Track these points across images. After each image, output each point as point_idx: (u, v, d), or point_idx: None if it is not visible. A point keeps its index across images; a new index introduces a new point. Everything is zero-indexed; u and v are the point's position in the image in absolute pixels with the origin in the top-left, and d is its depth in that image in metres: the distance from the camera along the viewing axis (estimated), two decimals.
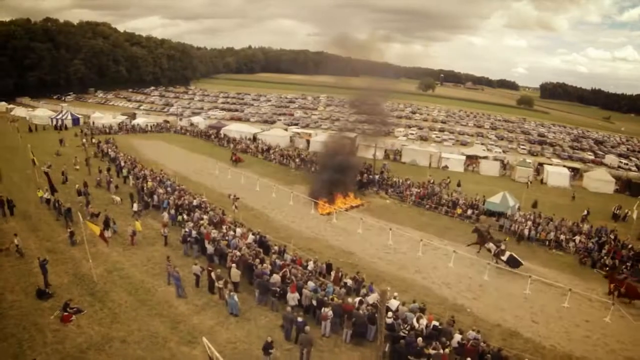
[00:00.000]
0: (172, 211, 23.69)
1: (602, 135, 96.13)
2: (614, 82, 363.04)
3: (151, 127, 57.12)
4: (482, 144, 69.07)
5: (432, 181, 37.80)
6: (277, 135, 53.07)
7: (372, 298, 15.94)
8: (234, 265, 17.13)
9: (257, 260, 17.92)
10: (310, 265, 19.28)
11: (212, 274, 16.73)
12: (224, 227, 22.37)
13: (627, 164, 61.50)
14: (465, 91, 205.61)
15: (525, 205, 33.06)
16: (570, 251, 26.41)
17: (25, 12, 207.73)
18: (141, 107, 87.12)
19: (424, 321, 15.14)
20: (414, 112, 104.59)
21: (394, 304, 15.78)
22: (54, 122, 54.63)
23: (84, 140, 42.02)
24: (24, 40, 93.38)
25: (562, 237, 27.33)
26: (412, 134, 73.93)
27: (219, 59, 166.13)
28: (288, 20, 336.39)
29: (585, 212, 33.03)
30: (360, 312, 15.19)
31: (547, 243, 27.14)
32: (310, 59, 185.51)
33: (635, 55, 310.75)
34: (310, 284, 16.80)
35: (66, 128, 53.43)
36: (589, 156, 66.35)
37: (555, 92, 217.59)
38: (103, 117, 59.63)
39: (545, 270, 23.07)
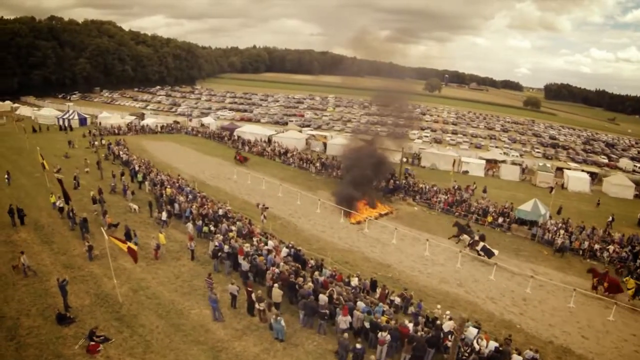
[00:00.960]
0: (198, 222, 21.87)
1: (611, 137, 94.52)
2: (618, 83, 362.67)
3: (161, 127, 55.54)
4: (497, 147, 67.43)
5: (456, 187, 36.20)
6: (292, 138, 51.35)
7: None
8: (276, 285, 15.44)
9: (301, 279, 16.24)
10: (354, 282, 17.79)
11: (253, 295, 15.04)
12: (254, 239, 20.75)
13: None
14: (470, 92, 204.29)
15: (551, 211, 31.64)
16: (604, 261, 25.32)
17: (29, 11, 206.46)
18: (148, 107, 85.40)
19: (483, 342, 14.15)
20: (423, 114, 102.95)
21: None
22: (60, 122, 52.93)
23: (95, 142, 40.39)
24: (29, 39, 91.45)
25: (597, 246, 26.17)
26: (427, 136, 72.30)
27: (223, 59, 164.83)
28: (292, 20, 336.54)
29: (610, 218, 32.22)
30: (419, 334, 14.01)
31: (580, 253, 26.01)
32: (316, 59, 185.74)
33: (638, 55, 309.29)
34: (361, 304, 15.37)
35: (71, 128, 51.67)
36: (603, 160, 64.72)
37: (560, 93, 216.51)
38: (111, 117, 57.82)
39: (582, 280, 22.24)
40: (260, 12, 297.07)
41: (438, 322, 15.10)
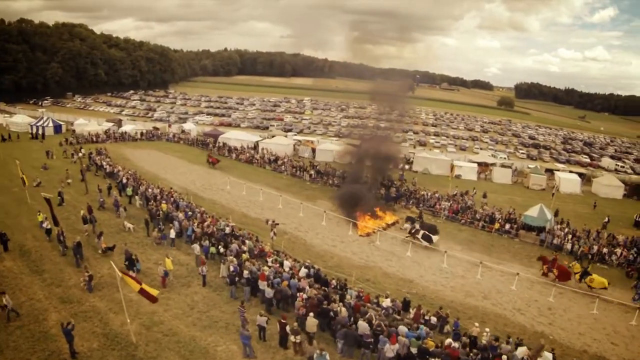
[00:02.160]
0: (204, 242, 20.46)
1: (587, 136, 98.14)
2: (585, 82, 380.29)
3: (141, 134, 53.39)
4: (482, 148, 68.50)
5: (456, 193, 36.15)
6: (279, 144, 50.13)
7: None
8: (311, 314, 14.39)
9: (335, 305, 15.29)
10: (387, 303, 17.05)
11: (287, 328, 13.92)
12: (268, 260, 19.59)
13: (622, 167, 62.24)
14: (442, 92, 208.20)
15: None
16: (613, 264, 25.95)
17: None
18: (123, 113, 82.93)
19: None
20: (402, 115, 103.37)
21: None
22: (34, 130, 49.86)
23: (72, 151, 38.09)
24: None
25: (605, 250, 26.73)
26: (410, 139, 72.59)
27: (195, 62, 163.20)
28: (261, 23, 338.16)
29: (606, 219, 33.02)
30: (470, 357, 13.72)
31: (590, 257, 26.45)
32: (287, 61, 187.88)
33: (605, 55, 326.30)
34: (403, 328, 14.67)
35: (43, 137, 48.52)
36: (585, 159, 66.88)
37: (530, 92, 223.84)
38: (88, 124, 55.15)
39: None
40: (229, 15, 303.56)
41: (485, 341, 14.93)
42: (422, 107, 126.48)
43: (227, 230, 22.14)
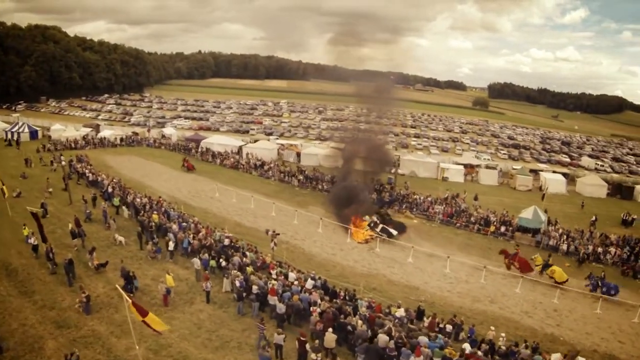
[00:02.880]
0: (203, 255, 19.86)
1: (563, 135, 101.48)
2: (557, 81, 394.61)
3: (120, 140, 52.19)
4: (463, 150, 69.81)
5: (447, 196, 36.66)
6: (264, 148, 49.73)
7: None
8: (330, 330, 14.15)
9: (352, 318, 15.10)
10: (400, 312, 17.04)
11: (307, 346, 13.63)
12: (272, 272, 19.23)
13: (602, 165, 64.68)
14: (416, 93, 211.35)
15: None
16: (607, 263, 26.84)
17: None
18: (100, 117, 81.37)
19: None
20: (380, 117, 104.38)
21: None
22: (8, 136, 47.74)
23: (52, 158, 36.94)
24: None
25: (600, 249, 27.64)
26: (392, 141, 73.21)
27: (169, 65, 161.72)
28: (234, 25, 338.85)
29: (594, 218, 34.22)
30: None
31: (586, 257, 27.17)
32: (261, 64, 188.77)
33: (576, 55, 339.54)
34: (423, 339, 14.70)
35: (18, 143, 46.57)
36: (565, 159, 69.09)
37: (504, 91, 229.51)
38: (65, 130, 53.35)
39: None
40: (203, 17, 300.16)
41: (504, 347, 15.20)
42: (398, 108, 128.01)
43: (226, 242, 21.57)
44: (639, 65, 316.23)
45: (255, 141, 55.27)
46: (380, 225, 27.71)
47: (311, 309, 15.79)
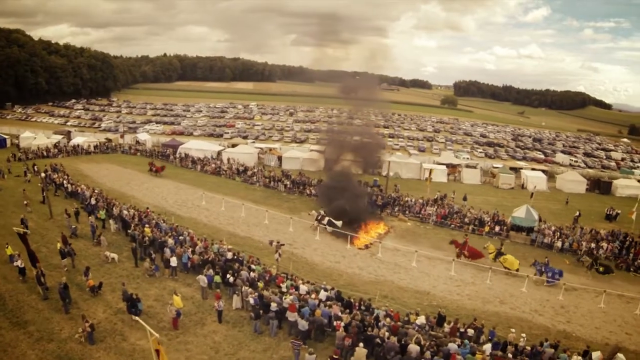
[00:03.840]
0: (208, 271, 19.19)
1: (533, 132, 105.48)
2: (521, 78, 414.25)
3: (94, 147, 50.81)
4: (440, 149, 71.29)
5: (437, 197, 37.31)
6: (244, 153, 49.13)
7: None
8: (361, 344, 14.00)
9: (378, 330, 15.03)
10: (421, 320, 17.13)
11: None
12: (282, 285, 18.87)
13: (576, 161, 67.77)
14: (383, 92, 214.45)
15: None
16: (601, 258, 27.82)
17: None
18: (68, 123, 79.22)
19: None
20: (351, 118, 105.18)
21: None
22: None
23: (25, 168, 35.18)
24: None
25: (592, 245, 28.93)
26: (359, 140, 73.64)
27: (136, 68, 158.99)
28: (199, 27, 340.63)
29: (577, 214, 35.68)
30: None
31: (579, 253, 28.38)
32: (227, 66, 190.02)
33: (539, 52, 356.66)
34: (453, 346, 14.90)
35: None
36: (540, 155, 71.88)
37: (469, 89, 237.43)
38: (36, 138, 51.14)
39: (594, 281, 24.70)
40: (167, 20, 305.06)
41: (528, 347, 15.63)
42: (380, 108, 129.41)
43: (229, 255, 20.97)
44: (600, 62, 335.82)
45: (234, 145, 54.50)
46: (327, 218, 28.74)
47: (335, 323, 15.55)
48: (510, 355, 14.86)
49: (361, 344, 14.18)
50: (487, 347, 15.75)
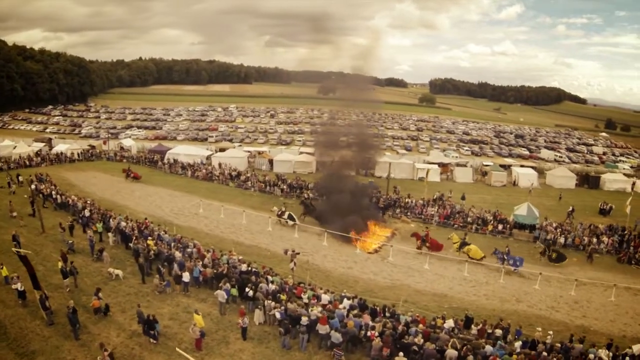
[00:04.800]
0: (225, 285, 18.45)
1: (513, 128, 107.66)
2: (496, 75, 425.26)
3: (78, 154, 49.49)
4: (427, 148, 72.06)
5: (436, 197, 37.56)
6: (233, 157, 48.48)
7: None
8: (401, 354, 13.76)
9: (414, 338, 14.93)
10: (450, 323, 17.17)
11: None
12: (303, 296, 18.42)
13: (561, 157, 69.56)
14: (354, 91, 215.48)
15: None
16: (602, 252, 28.98)
17: None
18: (47, 130, 77.79)
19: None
20: (333, 118, 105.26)
21: None
22: None
23: (8, 179, 34.00)
24: None
25: (594, 239, 29.76)
26: (352, 142, 73.74)
27: (112, 72, 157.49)
28: (173, 30, 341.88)
29: (571, 209, 36.61)
30: None
31: (582, 248, 29.29)
32: (203, 68, 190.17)
33: (513, 49, 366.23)
34: (489, 348, 15.05)
35: None
36: (524, 152, 73.46)
37: (445, 87, 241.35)
38: (16, 146, 49.19)
39: (601, 274, 25.63)
40: (140, 23, 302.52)
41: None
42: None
43: (243, 267, 20.33)
44: (573, 58, 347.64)
45: (222, 149, 53.74)
46: (287, 213, 30.34)
47: (369, 333, 15.25)
48: (545, 354, 14.96)
49: (401, 353, 13.94)
50: (517, 346, 16.00)
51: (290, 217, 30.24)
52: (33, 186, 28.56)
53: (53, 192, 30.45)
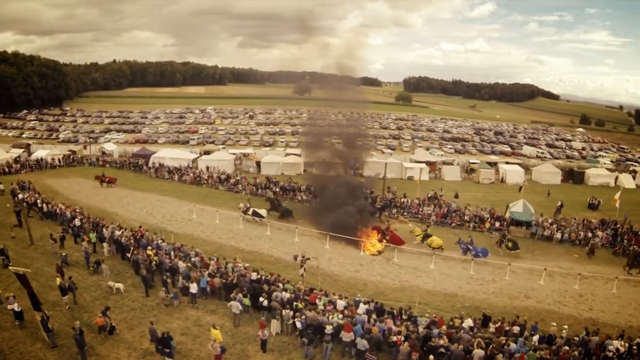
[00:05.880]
0: (237, 295, 17.90)
1: (491, 125, 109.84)
2: (469, 72, 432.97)
3: (59, 160, 47.82)
4: (408, 147, 72.69)
5: (430, 195, 37.79)
6: (219, 160, 47.71)
7: None
8: (431, 357, 13.60)
9: (439, 340, 14.88)
10: (469, 322, 17.29)
11: None
12: (319, 303, 18.08)
13: (542, 153, 71.32)
14: (334, 91, 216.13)
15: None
16: (597, 246, 29.57)
17: None
18: (24, 135, 76.58)
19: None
20: (312, 119, 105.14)
21: None
22: None
23: None
24: None
25: (590, 234, 30.47)
26: (339, 142, 73.70)
27: (86, 76, 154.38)
28: (144, 32, 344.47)
29: (559, 204, 37.31)
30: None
31: (578, 243, 30.08)
32: (177, 70, 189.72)
33: (486, 47, 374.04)
34: (513, 345, 15.25)
35: None
36: (507, 149, 74.94)
37: (419, 85, 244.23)
38: None
39: (599, 267, 26.40)
40: (112, 25, 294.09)
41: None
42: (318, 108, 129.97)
43: (253, 275, 19.75)
44: (546, 54, 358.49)
45: (207, 152, 52.80)
46: (252, 209, 30.83)
47: (395, 338, 15.04)
48: (567, 347, 15.30)
49: (431, 357, 13.80)
50: (535, 340, 16.48)
51: (255, 214, 30.61)
52: (20, 196, 27.15)
53: (38, 201, 29.02)
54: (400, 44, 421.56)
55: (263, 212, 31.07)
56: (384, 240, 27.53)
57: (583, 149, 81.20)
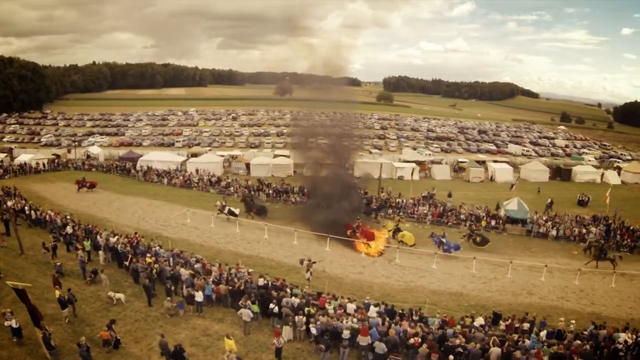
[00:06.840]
0: (246, 302, 17.50)
1: (474, 123, 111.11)
2: (449, 72, 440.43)
3: (43, 164, 46.84)
4: (394, 147, 73.12)
5: (426, 195, 38.04)
6: (208, 162, 47.24)
7: None
8: (451, 357, 13.64)
9: (455, 340, 14.94)
10: (480, 321, 17.50)
11: None
12: (328, 307, 17.91)
13: (528, 151, 72.57)
14: (315, 91, 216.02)
15: None
16: (592, 243, 29.60)
17: None
18: (5, 139, 74.52)
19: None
20: (295, 119, 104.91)
21: None
22: None
23: None
24: None
25: (584, 230, 31.20)
26: (325, 142, 73.65)
27: (65, 78, 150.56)
28: (124, 34, 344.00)
29: (549, 201, 38.10)
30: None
31: (572, 239, 30.74)
32: (158, 72, 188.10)
33: (465, 46, 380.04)
34: (527, 342, 15.46)
35: None
36: (492, 147, 76.01)
37: (399, 85, 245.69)
38: None
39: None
40: (91, 27, 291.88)
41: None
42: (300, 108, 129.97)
43: (260, 281, 19.40)
44: (524, 53, 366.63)
45: (195, 155, 52.19)
46: (227, 208, 31.39)
47: (413, 340, 14.98)
48: (578, 342, 15.55)
49: (451, 357, 13.81)
50: (543, 335, 16.73)
51: (230, 212, 30.97)
52: (10, 203, 26.15)
53: (25, 207, 28.02)
54: (380, 44, 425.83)
55: (237, 211, 31.48)
56: (356, 237, 27.66)
57: (566, 146, 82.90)
